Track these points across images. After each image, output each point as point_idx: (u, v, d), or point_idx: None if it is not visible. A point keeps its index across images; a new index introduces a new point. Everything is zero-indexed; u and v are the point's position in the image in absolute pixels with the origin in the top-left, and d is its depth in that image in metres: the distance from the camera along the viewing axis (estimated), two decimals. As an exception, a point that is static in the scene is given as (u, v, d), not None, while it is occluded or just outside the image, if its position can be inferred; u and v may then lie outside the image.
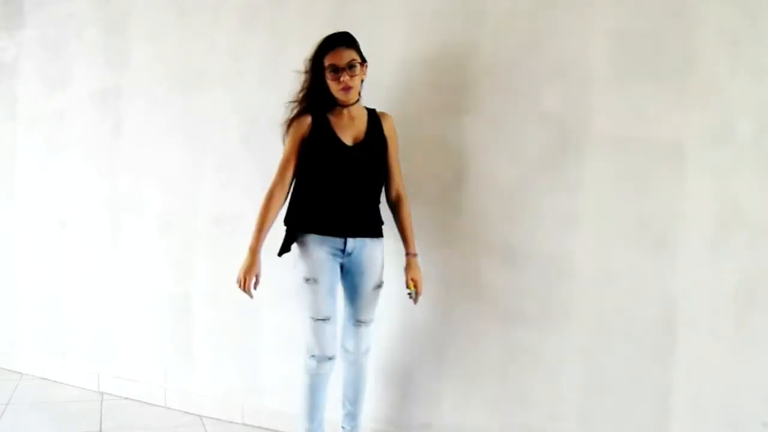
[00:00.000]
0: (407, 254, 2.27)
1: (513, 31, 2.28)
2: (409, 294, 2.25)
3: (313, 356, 2.21)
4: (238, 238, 2.76)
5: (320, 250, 2.19)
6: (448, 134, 2.38)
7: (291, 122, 2.22)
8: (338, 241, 2.20)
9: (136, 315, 3.05)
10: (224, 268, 2.81)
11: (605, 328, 2.17)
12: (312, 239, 2.19)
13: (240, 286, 2.17)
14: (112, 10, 3.07)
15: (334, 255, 2.20)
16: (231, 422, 2.81)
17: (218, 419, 2.84)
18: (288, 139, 2.22)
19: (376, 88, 2.46)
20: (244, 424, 2.78)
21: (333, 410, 2.41)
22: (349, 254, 2.22)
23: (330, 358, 2.21)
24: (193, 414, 2.89)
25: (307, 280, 2.18)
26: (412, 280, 2.23)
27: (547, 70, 2.23)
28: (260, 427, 2.74)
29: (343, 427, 2.37)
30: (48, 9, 3.26)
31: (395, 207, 2.31)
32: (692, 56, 2.04)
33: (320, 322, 2.17)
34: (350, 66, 2.13)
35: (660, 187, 2.09)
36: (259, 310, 2.74)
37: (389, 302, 2.47)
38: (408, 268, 2.26)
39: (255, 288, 2.19)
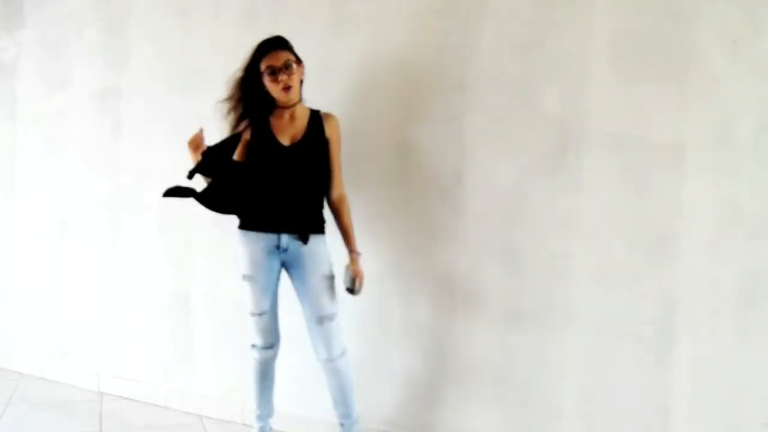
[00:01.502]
0: (351, 252, 2.31)
1: (513, 31, 2.28)
2: (349, 289, 2.27)
3: (254, 345, 2.38)
4: (238, 238, 2.77)
5: (256, 247, 2.27)
6: (448, 134, 2.38)
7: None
8: (273, 238, 2.26)
9: (136, 315, 3.05)
10: (224, 268, 2.82)
11: (605, 328, 2.17)
12: (249, 236, 2.28)
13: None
14: (112, 10, 3.07)
15: (270, 252, 2.28)
16: (231, 422, 2.81)
17: (218, 419, 2.84)
18: None
19: (376, 87, 2.47)
20: (244, 424, 2.78)
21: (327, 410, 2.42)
22: (285, 250, 2.26)
23: (269, 347, 2.37)
24: (193, 414, 2.89)
25: (245, 277, 2.31)
26: (356, 274, 2.27)
27: (547, 70, 2.23)
28: (260, 427, 2.74)
29: (341, 425, 2.36)
30: (48, 9, 3.26)
31: (337, 208, 2.34)
32: (692, 56, 2.04)
33: (257, 316, 2.33)
34: (286, 66, 2.19)
35: (660, 187, 2.09)
36: (259, 310, 2.75)
37: (389, 302, 2.48)
38: (352, 264, 2.30)
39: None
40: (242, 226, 2.31)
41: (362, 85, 2.39)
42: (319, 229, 2.30)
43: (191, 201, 2.88)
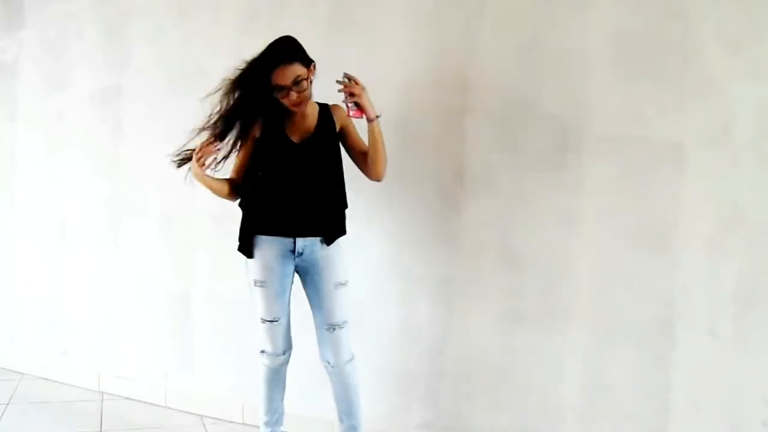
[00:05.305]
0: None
1: (513, 31, 2.28)
2: (341, 82, 2.08)
3: (263, 352, 2.27)
4: (238, 238, 2.78)
5: (270, 251, 2.16)
6: (448, 134, 2.38)
7: None
8: (287, 242, 2.15)
9: (136, 315, 3.05)
10: (224, 268, 2.82)
11: (605, 328, 2.17)
12: (262, 240, 2.17)
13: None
14: (112, 10, 3.07)
15: (284, 257, 2.17)
16: (231, 422, 2.81)
17: (218, 419, 2.84)
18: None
19: (376, 87, 2.46)
20: (244, 424, 2.78)
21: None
22: (301, 254, 2.17)
23: (281, 354, 2.26)
24: (193, 414, 2.89)
25: (256, 282, 2.19)
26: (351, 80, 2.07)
27: (547, 70, 2.23)
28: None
29: None
30: (48, 9, 3.26)
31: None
32: (692, 56, 2.04)
33: (270, 323, 2.21)
34: (296, 83, 2.05)
35: (660, 187, 2.09)
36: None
37: (389, 302, 2.48)
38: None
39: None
40: (257, 231, 2.17)
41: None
42: (339, 231, 2.20)
43: (191, 200, 2.89)
